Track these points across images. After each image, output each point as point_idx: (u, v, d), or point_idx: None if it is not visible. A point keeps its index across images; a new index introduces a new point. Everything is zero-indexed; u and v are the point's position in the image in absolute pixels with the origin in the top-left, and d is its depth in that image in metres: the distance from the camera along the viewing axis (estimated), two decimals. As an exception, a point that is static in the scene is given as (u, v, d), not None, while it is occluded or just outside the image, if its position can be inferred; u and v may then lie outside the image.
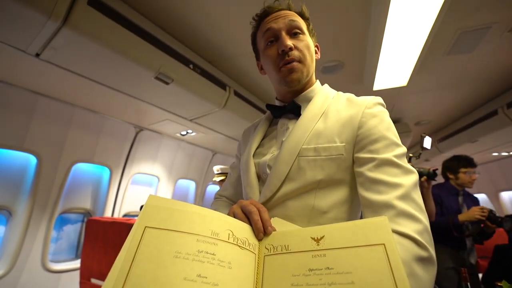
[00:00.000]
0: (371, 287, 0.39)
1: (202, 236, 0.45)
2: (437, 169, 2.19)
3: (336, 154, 0.64)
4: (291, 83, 0.73)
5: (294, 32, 0.73)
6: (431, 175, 2.06)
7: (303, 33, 0.75)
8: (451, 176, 2.32)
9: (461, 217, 2.06)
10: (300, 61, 0.72)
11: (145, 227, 0.43)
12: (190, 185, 4.21)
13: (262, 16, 0.77)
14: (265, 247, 0.50)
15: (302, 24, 0.75)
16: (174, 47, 1.95)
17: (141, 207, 0.48)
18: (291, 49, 0.70)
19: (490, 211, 2.05)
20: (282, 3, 0.78)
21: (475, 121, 3.22)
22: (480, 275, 2.12)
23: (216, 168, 2.70)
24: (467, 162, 2.25)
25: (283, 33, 0.72)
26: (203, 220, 0.47)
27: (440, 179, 2.28)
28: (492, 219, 2.02)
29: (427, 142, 2.11)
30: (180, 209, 0.47)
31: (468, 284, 1.29)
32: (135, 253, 0.40)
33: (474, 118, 3.24)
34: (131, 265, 0.39)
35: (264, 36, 0.75)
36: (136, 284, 0.38)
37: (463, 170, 2.24)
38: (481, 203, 2.24)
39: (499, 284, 1.27)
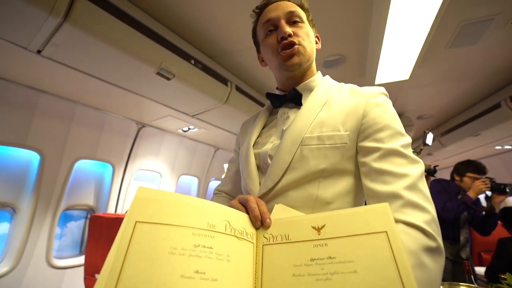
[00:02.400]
0: (374, 275, 0.38)
1: (198, 229, 0.43)
2: (437, 165, 2.21)
3: (341, 143, 0.63)
4: (291, 67, 0.72)
5: (293, 21, 0.74)
6: (431, 171, 2.07)
7: (302, 21, 0.75)
8: (456, 178, 2.37)
9: (472, 194, 2.10)
10: (300, 44, 0.72)
11: (136, 222, 0.40)
12: (192, 181, 4.23)
13: (262, 8, 0.78)
14: (264, 236, 0.50)
15: (302, 13, 0.76)
16: (175, 42, 1.94)
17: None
18: (290, 35, 0.70)
19: (491, 180, 2.08)
20: None
21: (478, 114, 3.19)
22: (484, 269, 2.14)
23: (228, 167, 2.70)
24: (476, 168, 2.28)
25: (282, 21, 0.72)
26: (198, 211, 0.45)
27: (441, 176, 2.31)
28: (495, 188, 2.07)
29: (430, 138, 2.11)
30: (172, 201, 0.44)
31: (472, 276, 1.29)
32: (126, 252, 0.37)
33: (477, 112, 3.21)
34: (122, 265, 0.36)
35: (263, 27, 0.75)
36: (128, 286, 0.34)
37: (469, 174, 2.27)
38: (483, 197, 2.25)
39: (502, 276, 1.27)
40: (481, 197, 2.22)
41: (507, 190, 2.05)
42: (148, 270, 0.36)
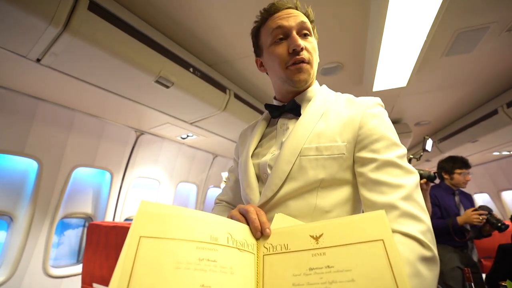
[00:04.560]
0: (371, 284, 0.39)
1: (202, 243, 0.43)
2: (437, 172, 2.22)
3: (338, 153, 0.64)
4: (298, 83, 0.72)
5: (304, 33, 0.73)
6: (431, 178, 2.08)
7: (311, 34, 0.75)
8: (446, 177, 2.38)
9: (460, 220, 2.09)
10: (308, 62, 0.72)
11: (140, 237, 0.40)
12: (191, 188, 4.21)
13: (271, 12, 0.76)
14: (264, 246, 0.50)
15: (310, 26, 0.75)
16: (174, 50, 1.95)
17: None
18: (302, 49, 0.70)
19: (489, 213, 2.07)
20: (289, 1, 0.77)
21: (475, 120, 3.22)
22: (484, 275, 2.12)
23: (226, 176, 2.71)
24: (462, 163, 2.31)
25: (294, 32, 0.71)
26: (201, 224, 0.46)
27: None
28: (491, 221, 2.06)
29: (429, 144, 2.12)
30: (175, 214, 0.45)
31: (472, 284, 1.28)
32: (132, 268, 0.37)
33: (474, 118, 3.25)
34: (129, 282, 0.36)
35: (273, 33, 0.73)
36: None
37: (458, 171, 2.30)
38: (484, 203, 2.26)
39: (503, 284, 1.26)
40: (478, 199, 2.22)
41: (502, 228, 2.03)
42: (154, 285, 0.37)
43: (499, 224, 2.04)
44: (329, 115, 0.70)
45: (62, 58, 1.58)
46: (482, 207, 2.11)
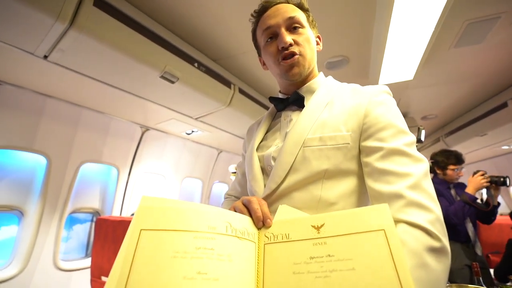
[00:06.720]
0: (371, 273, 0.39)
1: (199, 232, 0.44)
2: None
3: (343, 143, 0.63)
4: (292, 76, 0.73)
5: (293, 27, 0.73)
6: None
7: (302, 26, 0.74)
8: (438, 171, 2.30)
9: (470, 191, 2.03)
10: (300, 54, 0.71)
11: (141, 230, 0.42)
12: (196, 184, 4.24)
13: (261, 12, 0.77)
14: (265, 236, 0.51)
15: (302, 17, 0.74)
16: (179, 46, 1.96)
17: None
18: (291, 45, 0.70)
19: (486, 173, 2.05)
20: None
21: (483, 114, 3.15)
22: (492, 270, 2.10)
23: (234, 167, 2.72)
24: (456, 159, 2.23)
25: (282, 29, 0.71)
26: (199, 215, 0.47)
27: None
28: (495, 181, 2.02)
29: (423, 135, 2.10)
30: (174, 207, 0.46)
31: (480, 278, 1.27)
32: (133, 259, 0.39)
33: (482, 111, 3.18)
34: (129, 272, 0.38)
35: (264, 34, 0.75)
36: None
37: (451, 167, 2.22)
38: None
39: None
40: (486, 194, 2.15)
41: (507, 181, 1.98)
42: (152, 274, 0.39)
43: (502, 179, 2.00)
44: (333, 105, 0.69)
45: (69, 54, 1.60)
46: (477, 171, 2.08)
